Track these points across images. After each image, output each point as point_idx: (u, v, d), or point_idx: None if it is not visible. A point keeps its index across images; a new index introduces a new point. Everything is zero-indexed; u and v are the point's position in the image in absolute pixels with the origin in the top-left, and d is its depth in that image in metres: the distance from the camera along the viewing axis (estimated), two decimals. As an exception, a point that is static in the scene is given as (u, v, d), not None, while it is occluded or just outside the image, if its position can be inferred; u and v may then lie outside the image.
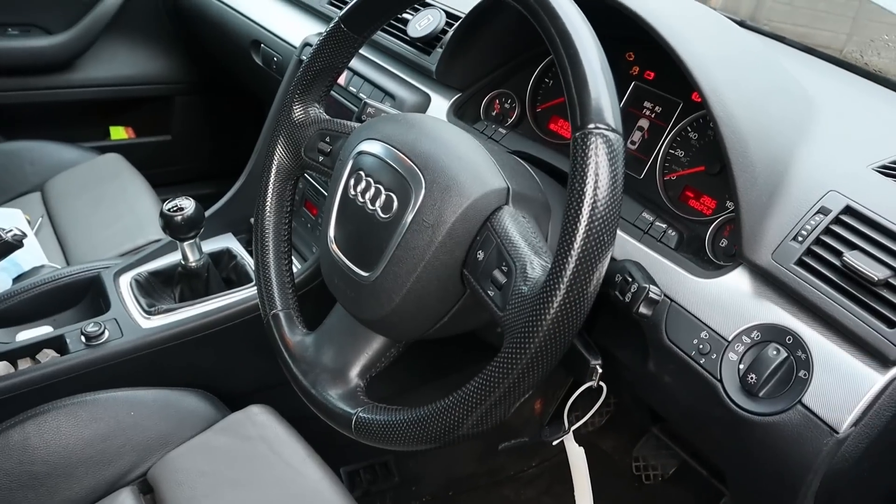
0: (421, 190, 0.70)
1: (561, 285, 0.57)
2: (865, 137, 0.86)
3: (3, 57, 1.87)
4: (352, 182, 0.77)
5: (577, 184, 0.57)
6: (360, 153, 0.77)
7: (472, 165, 0.72)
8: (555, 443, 0.82)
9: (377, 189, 0.74)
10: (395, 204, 0.72)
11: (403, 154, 0.73)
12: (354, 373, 0.79)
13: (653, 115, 0.96)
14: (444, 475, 1.53)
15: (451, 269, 0.70)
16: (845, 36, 1.36)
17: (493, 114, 1.13)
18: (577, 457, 0.84)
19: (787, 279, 0.70)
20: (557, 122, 1.07)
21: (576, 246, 0.56)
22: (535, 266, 0.64)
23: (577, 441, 0.86)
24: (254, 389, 1.24)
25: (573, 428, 0.81)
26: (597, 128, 0.58)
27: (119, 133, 2.14)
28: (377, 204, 0.73)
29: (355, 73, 1.25)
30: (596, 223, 0.56)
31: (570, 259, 0.56)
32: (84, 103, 2.06)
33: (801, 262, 0.70)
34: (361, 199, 0.75)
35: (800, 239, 0.71)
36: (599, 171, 0.57)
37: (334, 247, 0.78)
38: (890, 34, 1.10)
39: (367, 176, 0.75)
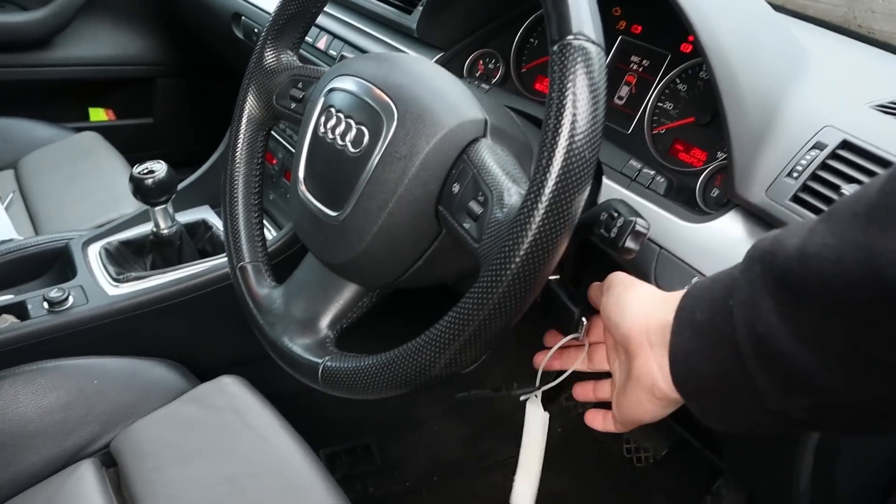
0: (393, 121, 0.66)
1: (540, 205, 0.52)
2: (862, 82, 0.82)
3: (-23, 32, 1.82)
4: (322, 119, 0.73)
5: (556, 97, 0.53)
6: (332, 90, 0.73)
7: (448, 96, 0.68)
8: (523, 398, 0.76)
9: (348, 124, 0.69)
10: (367, 137, 0.67)
11: (375, 86, 0.69)
12: (324, 323, 0.74)
13: (640, 70, 0.92)
14: (428, 460, 1.48)
15: (425, 204, 0.65)
16: (845, 9, 1.33)
17: (477, 74, 1.09)
18: (536, 419, 0.74)
19: (782, 216, 0.66)
20: (543, 81, 1.03)
21: (556, 163, 0.52)
22: (513, 193, 0.59)
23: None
24: (227, 364, 1.19)
25: (548, 386, 0.74)
26: (576, 38, 0.53)
27: (98, 115, 2.09)
28: (348, 139, 0.69)
29: (335, 35, 1.21)
30: (578, 139, 0.52)
31: (549, 177, 0.52)
32: (62, 82, 2.00)
33: (796, 199, 0.66)
34: (331, 136, 0.71)
35: (794, 175, 0.67)
36: (578, 84, 0.52)
37: (303, 188, 0.74)
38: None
39: (337, 112, 0.71)
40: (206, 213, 1.34)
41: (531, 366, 0.73)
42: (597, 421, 0.68)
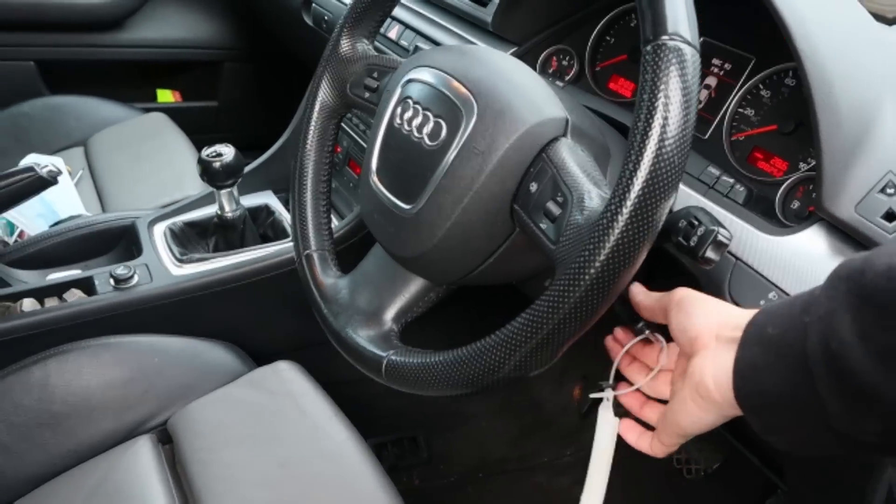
0: (472, 116, 0.65)
1: (624, 210, 0.51)
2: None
3: (53, 12, 1.86)
4: (398, 110, 0.72)
5: (647, 100, 0.51)
6: (410, 81, 0.72)
7: (529, 93, 0.66)
8: (593, 395, 0.71)
9: (425, 116, 0.69)
10: (444, 130, 0.67)
11: (455, 79, 0.68)
12: (389, 316, 0.74)
13: (721, 73, 0.90)
14: (474, 456, 1.47)
15: (501, 201, 0.64)
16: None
17: (550, 71, 1.07)
18: (607, 426, 0.67)
19: (872, 233, 0.63)
20: (618, 80, 1.01)
21: (643, 168, 0.50)
22: (594, 196, 0.58)
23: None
24: (283, 349, 1.20)
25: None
26: (671, 39, 0.51)
27: (166, 96, 2.12)
28: (424, 131, 0.68)
29: (407, 26, 1.20)
30: (668, 144, 0.50)
31: (635, 182, 0.50)
32: (132, 64, 2.04)
33: (889, 216, 0.63)
34: (408, 128, 0.70)
35: (889, 192, 0.64)
36: (671, 87, 0.50)
37: (375, 179, 0.73)
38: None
39: (414, 103, 0.70)
40: (268, 199, 1.35)
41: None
42: (631, 435, 0.66)
